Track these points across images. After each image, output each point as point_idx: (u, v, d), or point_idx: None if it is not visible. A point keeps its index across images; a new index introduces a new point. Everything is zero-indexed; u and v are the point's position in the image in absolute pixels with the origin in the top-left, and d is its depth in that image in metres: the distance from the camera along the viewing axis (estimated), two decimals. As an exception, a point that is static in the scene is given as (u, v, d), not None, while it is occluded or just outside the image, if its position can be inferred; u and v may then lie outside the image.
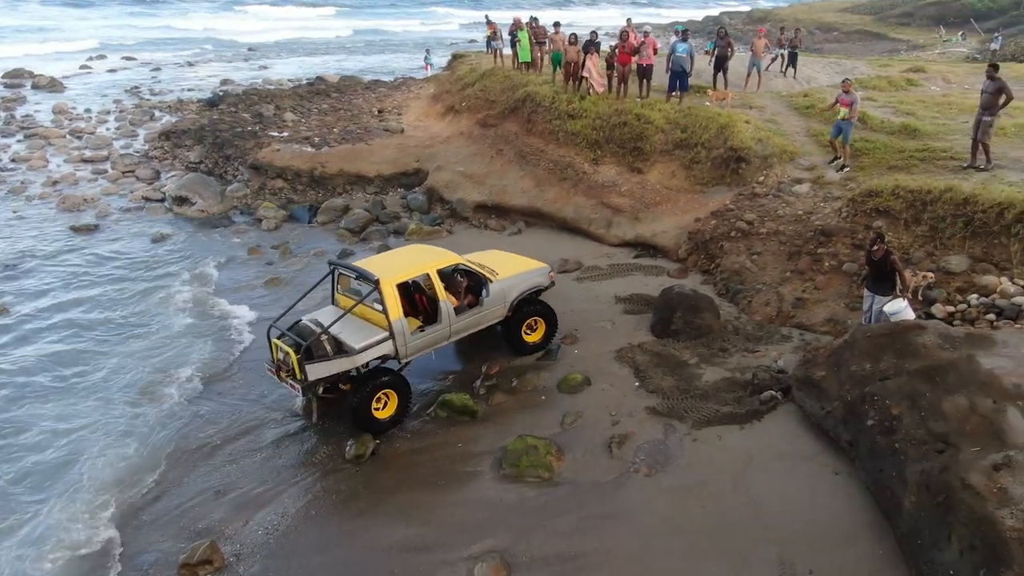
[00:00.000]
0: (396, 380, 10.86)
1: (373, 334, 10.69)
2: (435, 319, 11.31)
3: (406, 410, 11.00)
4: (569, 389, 11.43)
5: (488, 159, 21.00)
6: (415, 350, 11.09)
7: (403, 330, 10.73)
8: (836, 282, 12.73)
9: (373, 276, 10.62)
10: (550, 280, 12.91)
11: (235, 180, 23.05)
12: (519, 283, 12.30)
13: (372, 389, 10.54)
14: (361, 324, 11.01)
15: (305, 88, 35.10)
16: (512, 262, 12.89)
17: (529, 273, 12.58)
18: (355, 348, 10.48)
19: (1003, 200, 11.60)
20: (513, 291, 12.16)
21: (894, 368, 8.70)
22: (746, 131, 16.78)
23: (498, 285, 11.98)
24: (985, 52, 41.18)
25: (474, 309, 11.78)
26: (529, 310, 12.37)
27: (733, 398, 10.69)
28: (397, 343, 10.72)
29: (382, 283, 10.53)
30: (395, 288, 10.71)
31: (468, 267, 11.82)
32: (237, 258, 17.78)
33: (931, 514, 6.66)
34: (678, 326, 12.44)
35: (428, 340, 11.23)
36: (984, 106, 13.39)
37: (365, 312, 11.11)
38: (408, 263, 11.60)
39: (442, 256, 11.82)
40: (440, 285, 11.24)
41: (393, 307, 10.59)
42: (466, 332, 11.84)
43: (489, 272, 12.03)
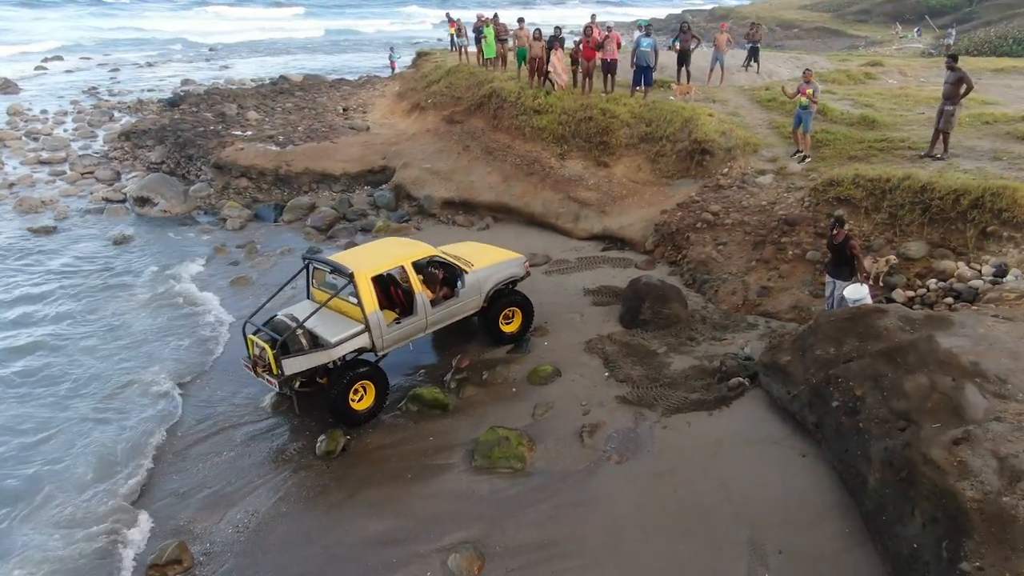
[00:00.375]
0: (373, 372, 10.84)
1: (349, 327, 10.69)
2: (411, 311, 11.32)
3: (384, 401, 11.00)
4: (539, 381, 11.47)
5: (455, 155, 20.98)
6: (391, 342, 11.10)
7: (379, 323, 10.74)
8: (800, 270, 12.94)
9: (348, 269, 10.62)
10: (525, 270, 12.98)
11: (198, 180, 22.76)
12: (494, 274, 12.34)
13: (349, 381, 10.53)
14: (337, 318, 11.02)
15: (268, 87, 34.81)
16: (487, 253, 12.94)
17: (504, 264, 12.63)
18: (331, 341, 10.47)
19: (959, 187, 11.88)
20: (488, 282, 12.21)
21: (857, 351, 8.87)
22: (710, 124, 16.98)
23: (473, 276, 12.01)
24: (940, 48, 42.10)
25: (450, 301, 11.82)
26: (505, 300, 12.43)
27: (701, 385, 10.81)
28: (373, 335, 10.73)
29: (357, 276, 10.53)
30: (370, 281, 10.72)
31: (443, 259, 11.84)
32: (202, 258, 17.53)
33: (895, 490, 6.81)
34: (646, 316, 12.54)
35: (404, 332, 11.23)
36: (946, 96, 13.69)
37: (341, 306, 11.10)
38: (383, 256, 11.56)
39: (417, 248, 11.84)
40: (415, 277, 11.27)
41: (368, 300, 10.62)
42: (443, 324, 11.86)
43: (464, 263, 12.05)
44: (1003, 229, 11.30)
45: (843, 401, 8.26)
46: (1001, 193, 11.42)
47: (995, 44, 39.81)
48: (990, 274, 10.83)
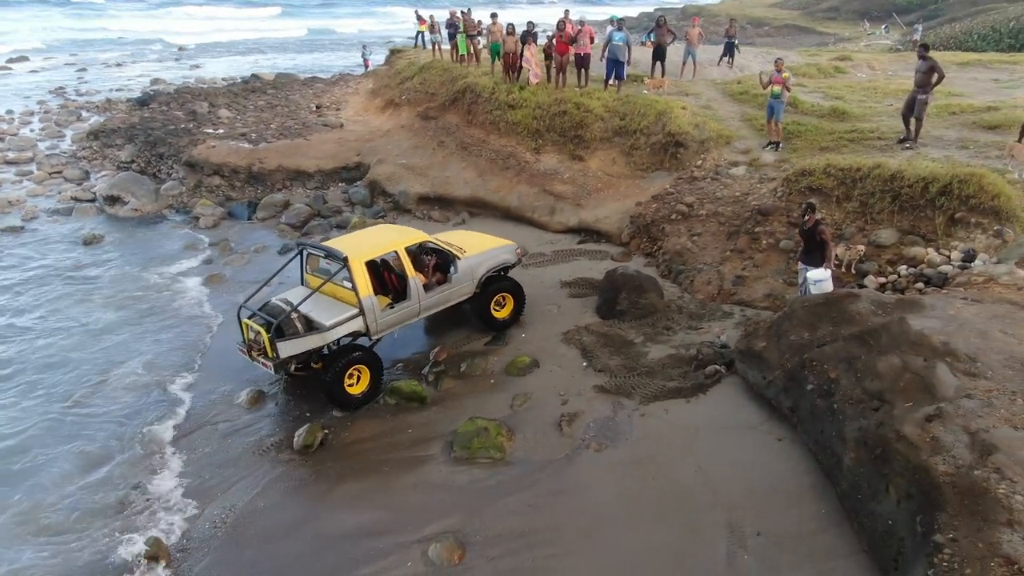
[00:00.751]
0: (368, 356, 10.99)
1: (343, 311, 10.85)
2: (404, 296, 11.48)
3: (378, 385, 11.11)
4: (518, 372, 11.48)
5: (430, 151, 20.92)
6: (385, 327, 11.26)
7: (373, 307, 10.91)
8: (774, 259, 13.07)
9: (341, 254, 10.76)
10: (517, 257, 13.14)
11: (170, 178, 22.48)
12: (486, 260, 12.48)
13: (344, 365, 10.67)
14: (331, 302, 11.17)
15: (240, 86, 34.50)
16: (479, 240, 13.13)
17: (496, 250, 12.78)
18: (325, 325, 10.62)
19: (927, 175, 12.07)
20: (481, 268, 12.36)
21: (831, 335, 8.97)
22: (683, 117, 17.09)
23: (466, 262, 12.15)
24: (907, 44, 42.73)
25: (443, 286, 11.98)
26: (497, 287, 12.57)
27: (678, 373, 10.88)
28: (367, 319, 10.88)
29: (350, 260, 10.68)
30: (364, 265, 10.89)
31: (436, 245, 12.04)
32: (172, 257, 17.32)
33: (869, 468, 6.91)
34: (623, 307, 12.60)
35: (398, 317, 11.39)
36: (918, 84, 13.92)
37: (335, 291, 11.25)
38: (376, 241, 11.76)
39: (410, 234, 12.05)
40: (409, 262, 11.39)
41: (362, 284, 10.77)
42: (436, 309, 12.02)
43: (457, 250, 12.20)
44: (971, 215, 11.50)
45: (818, 384, 8.36)
46: (968, 180, 11.62)
47: (960, 39, 40.48)
48: (959, 259, 11.01)
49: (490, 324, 12.68)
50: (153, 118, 27.16)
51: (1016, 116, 15.14)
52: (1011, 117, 15.16)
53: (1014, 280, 9.62)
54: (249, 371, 12.13)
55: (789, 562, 7.33)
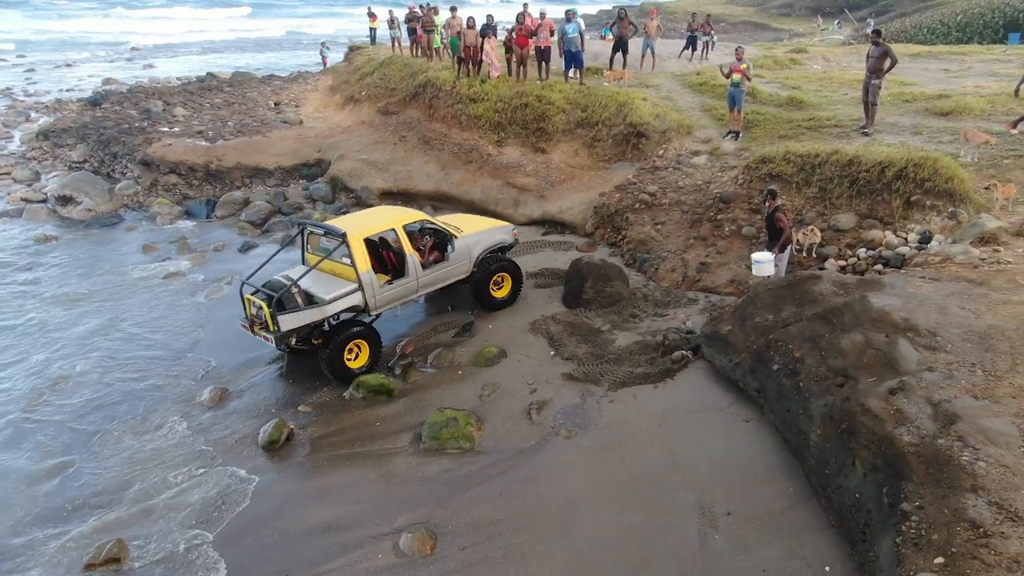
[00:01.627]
0: (367, 331, 11.30)
1: (342, 286, 11.19)
2: (403, 274, 11.77)
3: (377, 360, 11.42)
4: (485, 362, 11.42)
5: (391, 146, 20.76)
6: (384, 303, 11.61)
7: (371, 282, 11.26)
8: (736, 246, 13.19)
9: (340, 231, 11.14)
10: (514, 237, 13.48)
11: (124, 178, 21.95)
12: (483, 240, 12.78)
13: (344, 339, 10.98)
14: (331, 279, 11.52)
15: (196, 84, 33.83)
16: (476, 221, 13.48)
17: (492, 231, 13.12)
18: (325, 299, 10.94)
19: (883, 159, 12.29)
20: (477, 247, 12.64)
21: (795, 315, 9.09)
22: (644, 108, 17.18)
23: (463, 241, 12.45)
24: (860, 38, 43.59)
25: (440, 264, 12.27)
26: (496, 267, 12.80)
27: (646, 360, 10.92)
28: (366, 295, 11.23)
29: (349, 237, 10.99)
30: (362, 242, 11.19)
31: (433, 224, 12.35)
32: (129, 257, 16.92)
33: (836, 443, 7.00)
34: (589, 296, 12.62)
35: (396, 293, 11.72)
36: (871, 70, 14.15)
37: (335, 268, 11.58)
38: (375, 220, 12.10)
39: (408, 214, 12.50)
40: (407, 240, 11.72)
41: (361, 260, 11.09)
42: (433, 287, 12.36)
43: (454, 229, 12.46)
44: (926, 198, 11.74)
45: (783, 364, 8.45)
46: (923, 164, 11.86)
47: (911, 33, 41.41)
48: (915, 241, 11.23)
49: (489, 304, 12.93)
50: (106, 117, 26.49)
51: (966, 103, 15.53)
52: (962, 104, 15.54)
53: (969, 259, 9.83)
54: (211, 369, 11.96)
55: (759, 540, 7.39)
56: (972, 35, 38.25)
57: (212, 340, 13.01)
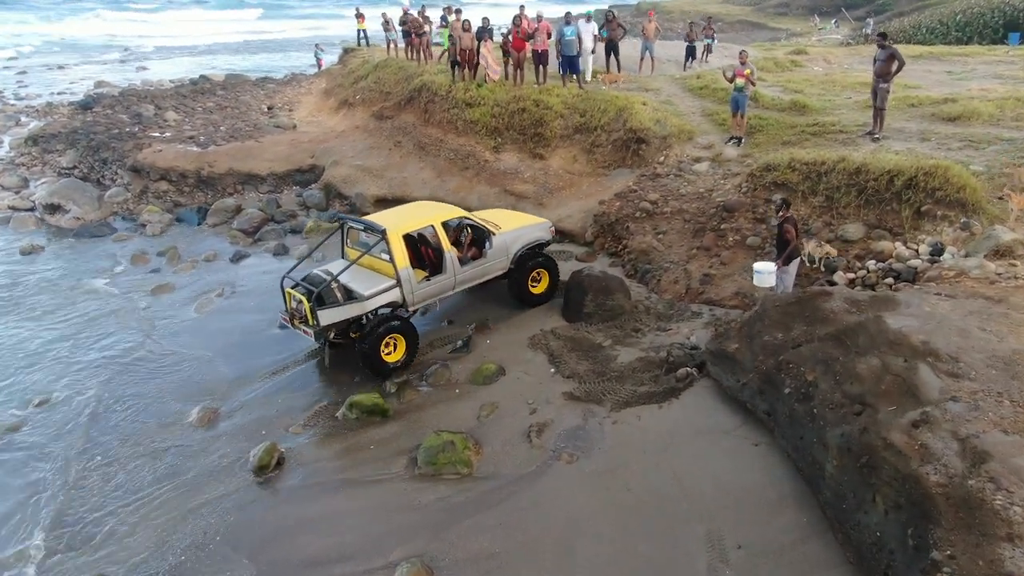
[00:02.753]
0: (403, 325, 11.35)
1: (381, 282, 11.31)
2: (440, 270, 11.84)
3: (414, 354, 11.50)
4: (483, 380, 11.04)
5: (386, 152, 20.38)
6: (421, 298, 11.72)
7: (410, 278, 11.38)
8: (741, 256, 12.83)
9: (380, 227, 11.22)
10: (551, 234, 13.43)
11: (114, 184, 21.52)
12: (521, 236, 12.75)
13: (381, 333, 11.03)
14: (370, 274, 11.63)
15: (188, 88, 33.39)
16: (514, 218, 13.47)
17: (531, 227, 13.05)
18: (364, 295, 11.09)
19: (892, 168, 11.93)
20: (515, 244, 12.63)
21: (805, 335, 8.72)
22: (644, 113, 16.82)
23: (501, 238, 12.43)
24: (858, 38, 43.31)
25: (478, 261, 12.29)
26: (534, 263, 12.79)
27: (649, 378, 10.56)
28: (404, 291, 11.35)
29: (388, 233, 11.10)
30: (401, 238, 11.30)
31: (472, 220, 12.34)
32: (119, 267, 16.51)
33: (854, 476, 6.63)
34: (590, 309, 12.25)
35: (434, 289, 11.81)
36: (878, 73, 13.79)
37: (374, 263, 11.69)
38: (414, 216, 12.14)
39: (447, 210, 12.47)
40: (445, 237, 11.78)
41: (399, 256, 11.20)
42: (470, 283, 12.38)
43: (492, 226, 12.43)
44: (937, 208, 11.38)
45: (795, 387, 8.09)
46: (933, 173, 11.50)
47: (909, 33, 41.04)
48: (927, 253, 10.87)
49: (528, 300, 12.91)
50: (96, 122, 26.03)
51: (974, 108, 15.16)
52: (969, 109, 15.18)
53: (985, 273, 9.49)
54: (201, 388, 11.57)
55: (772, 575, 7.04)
56: (972, 35, 37.90)
57: (203, 355, 12.62)
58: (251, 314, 13.92)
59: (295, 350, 12.44)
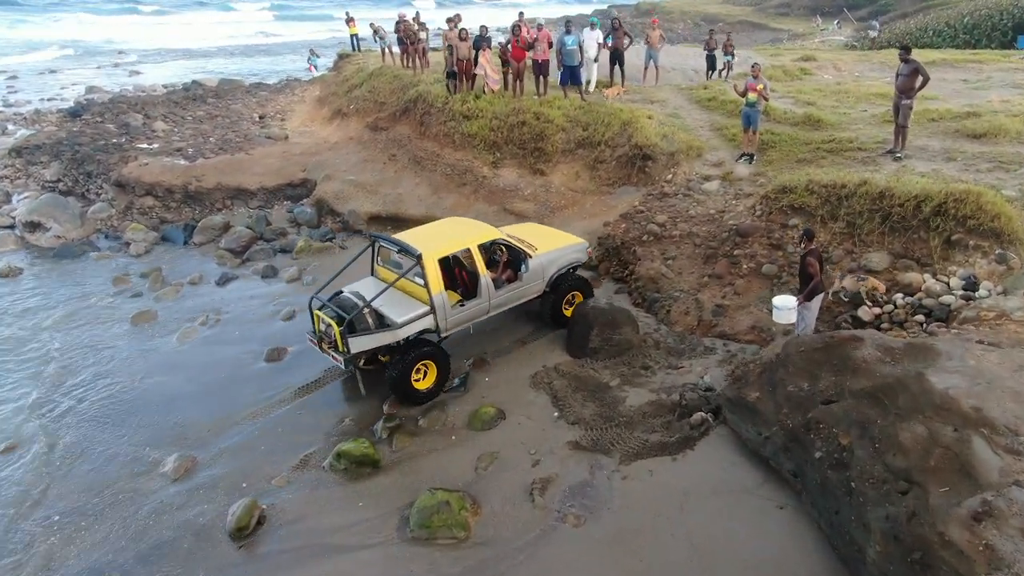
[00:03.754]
0: (435, 352, 10.86)
1: (414, 308, 10.78)
2: (475, 294, 11.36)
3: (444, 381, 11.03)
4: (482, 426, 10.24)
5: (380, 166, 19.58)
6: (455, 324, 11.17)
7: (443, 304, 10.83)
8: (756, 286, 12.05)
9: (416, 251, 10.62)
10: (588, 256, 12.97)
11: (99, 199, 20.71)
12: (558, 259, 12.25)
13: (412, 360, 10.59)
14: (401, 297, 11.06)
15: (180, 94, 32.54)
16: (551, 237, 12.83)
17: (567, 248, 12.52)
18: (397, 322, 10.56)
19: (919, 193, 11.13)
20: (552, 267, 12.14)
21: (835, 387, 7.94)
22: (650, 127, 16.03)
23: (537, 260, 11.94)
24: (863, 40, 42.54)
25: (513, 284, 11.77)
26: (568, 285, 12.33)
27: (661, 424, 9.77)
28: (438, 317, 10.81)
29: (424, 258, 10.54)
30: (436, 263, 10.75)
31: (508, 242, 11.82)
32: (99, 291, 15.70)
33: (903, 569, 5.84)
34: (596, 344, 11.46)
35: (467, 315, 11.29)
36: (901, 89, 13.00)
37: (405, 285, 11.12)
38: (450, 237, 11.55)
39: (483, 231, 11.81)
40: (481, 260, 11.26)
41: (434, 282, 10.67)
42: (505, 307, 11.84)
43: (528, 247, 11.97)
44: (969, 237, 10.59)
45: (827, 451, 7.30)
46: (964, 199, 10.70)
47: (916, 36, 40.25)
48: (959, 287, 10.08)
49: (561, 323, 12.33)
50: (82, 132, 25.20)
51: (1000, 124, 14.36)
52: (995, 125, 14.36)
53: (1028, 315, 8.70)
54: (178, 431, 10.76)
55: (806, 670, 6.27)
56: (980, 37, 37.13)
57: (182, 392, 11.83)
58: (235, 346, 13.13)
59: (280, 388, 11.66)
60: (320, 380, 11.83)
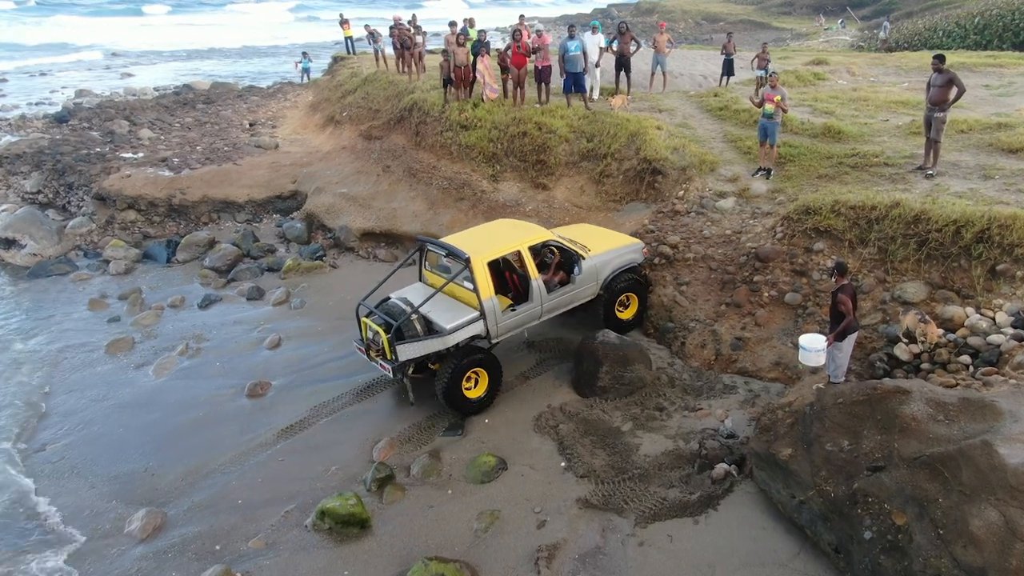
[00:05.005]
0: (487, 359, 10.45)
1: (463, 313, 10.39)
2: (526, 298, 10.95)
3: (496, 389, 10.66)
4: (481, 478, 9.28)
5: (374, 178, 18.60)
6: (506, 330, 10.73)
7: (494, 309, 10.41)
8: (779, 316, 11.09)
9: (464, 254, 10.21)
10: (644, 256, 12.35)
11: (80, 212, 19.75)
12: (612, 260, 11.74)
13: (462, 368, 10.19)
14: (450, 302, 10.72)
15: (171, 98, 31.54)
16: (605, 238, 12.31)
17: (623, 249, 11.98)
18: (446, 328, 10.16)
19: (959, 217, 10.15)
20: (606, 269, 11.65)
21: (881, 449, 7.00)
22: (659, 139, 15.04)
23: (591, 262, 11.46)
24: (871, 40, 41.59)
25: (565, 287, 11.31)
26: (622, 287, 11.82)
27: (680, 477, 8.83)
28: (488, 323, 10.39)
29: (473, 261, 10.13)
30: (486, 266, 10.32)
31: (560, 243, 11.34)
32: (73, 315, 14.75)
33: None
34: (605, 383, 10.51)
35: (519, 319, 10.85)
36: (933, 101, 12.01)
37: (454, 290, 10.80)
38: (499, 239, 11.02)
39: (533, 232, 11.30)
40: (532, 263, 10.84)
41: (484, 286, 10.26)
42: (557, 311, 11.37)
43: (581, 248, 11.52)
44: (1016, 267, 9.62)
45: (879, 532, 6.35)
46: (1011, 225, 9.72)
47: (925, 36, 39.34)
48: (1008, 324, 9.11)
49: (614, 326, 11.76)
50: (65, 140, 24.16)
51: (1034, 135, 13.38)
52: (1031, 137, 13.38)
53: (1093, 362, 7.75)
54: (148, 482, 9.81)
55: None
56: (991, 38, 36.20)
57: (155, 433, 10.90)
58: (215, 379, 12.19)
59: (261, 429, 10.75)
60: (305, 420, 10.91)
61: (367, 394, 11.45)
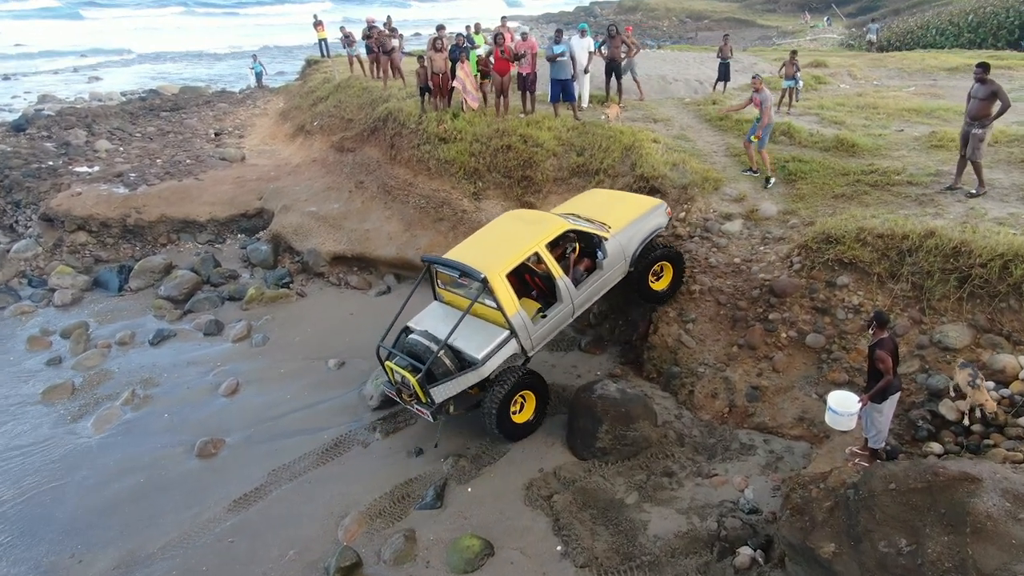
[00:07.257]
0: (529, 380, 9.63)
1: (492, 335, 9.47)
2: (552, 296, 10.11)
3: (546, 408, 9.96)
4: (464, 566, 7.90)
5: (346, 194, 17.17)
6: (540, 340, 9.92)
7: (524, 323, 9.54)
8: (799, 361, 9.78)
9: (479, 274, 9.21)
10: (668, 216, 11.37)
11: (27, 234, 18.17)
12: (637, 233, 10.74)
13: (507, 395, 9.37)
14: (475, 324, 9.70)
15: (136, 104, 29.91)
16: (622, 206, 11.27)
17: (644, 217, 10.95)
18: (478, 358, 9.25)
19: (1006, 250, 8.89)
20: (632, 243, 10.67)
21: (951, 555, 5.72)
22: (656, 154, 13.68)
23: (615, 241, 10.49)
24: (859, 38, 40.58)
25: (593, 275, 10.36)
26: (653, 256, 10.81)
27: (697, 566, 7.50)
28: (521, 339, 9.54)
29: (490, 278, 9.18)
30: (505, 279, 9.38)
31: (578, 229, 10.28)
32: (8, 356, 13.23)
33: None
34: (605, 443, 9.16)
35: (553, 323, 10.00)
36: (973, 115, 10.72)
37: (476, 307, 9.67)
38: (511, 243, 9.90)
39: (547, 226, 10.10)
40: (553, 261, 9.87)
41: (508, 301, 9.38)
42: (591, 302, 10.53)
43: (601, 227, 10.49)
44: (1076, 310, 8.38)
45: None
46: (1068, 260, 8.48)
47: (918, 35, 38.39)
48: (1071, 377, 7.88)
49: (649, 298, 11.06)
50: (16, 152, 22.45)
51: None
52: (1065, 151, 12.16)
53: None
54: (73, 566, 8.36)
55: None
56: (985, 37, 35.32)
57: (88, 505, 9.47)
58: (162, 435, 10.75)
59: (210, 499, 9.34)
60: (262, 487, 9.52)
61: (334, 453, 10.07)
